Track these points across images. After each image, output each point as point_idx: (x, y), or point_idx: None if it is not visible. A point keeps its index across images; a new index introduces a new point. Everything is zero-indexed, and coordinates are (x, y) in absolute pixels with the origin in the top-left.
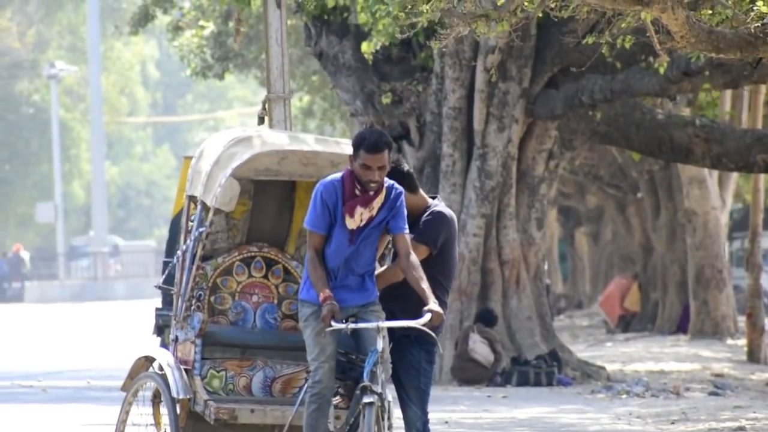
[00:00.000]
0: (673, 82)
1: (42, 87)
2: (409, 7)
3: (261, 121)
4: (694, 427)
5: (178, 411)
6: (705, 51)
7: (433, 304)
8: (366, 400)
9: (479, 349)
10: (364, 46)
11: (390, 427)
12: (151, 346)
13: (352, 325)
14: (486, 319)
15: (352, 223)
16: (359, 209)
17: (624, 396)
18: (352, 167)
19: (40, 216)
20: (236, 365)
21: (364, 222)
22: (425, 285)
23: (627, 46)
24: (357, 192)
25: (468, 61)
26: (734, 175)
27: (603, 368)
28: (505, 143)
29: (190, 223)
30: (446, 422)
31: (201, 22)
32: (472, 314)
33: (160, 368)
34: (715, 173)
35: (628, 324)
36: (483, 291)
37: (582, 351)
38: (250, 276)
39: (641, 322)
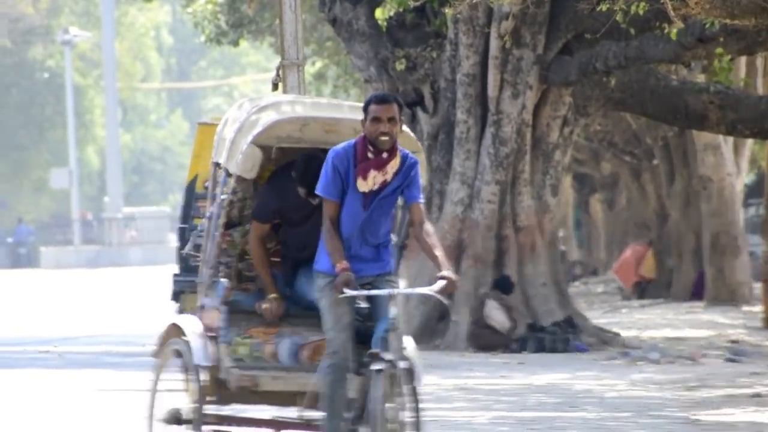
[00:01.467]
0: (688, 49)
1: (56, 53)
2: None
3: (275, 87)
4: (710, 393)
5: (203, 378)
6: (720, 17)
7: (446, 271)
8: (374, 367)
9: (495, 315)
10: (378, 12)
11: (400, 394)
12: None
13: (364, 292)
14: (502, 285)
15: (364, 186)
16: (372, 172)
17: (640, 362)
18: (364, 130)
19: (55, 182)
20: (262, 332)
21: (377, 186)
22: (439, 252)
23: (641, 12)
24: (370, 155)
25: (482, 27)
26: (749, 142)
27: (619, 335)
28: (520, 110)
29: (216, 190)
30: (462, 388)
31: None
32: (488, 281)
33: None
34: (730, 140)
35: (643, 291)
36: (498, 258)
37: (598, 318)
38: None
39: (656, 289)
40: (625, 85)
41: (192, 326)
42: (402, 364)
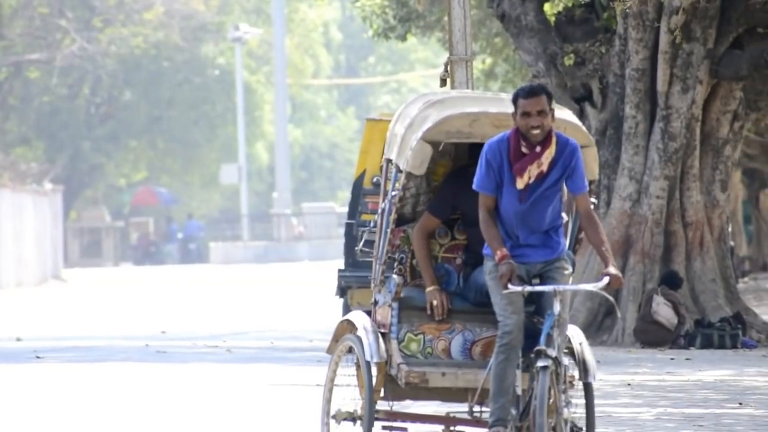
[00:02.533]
0: None
1: (227, 50)
2: None
3: (443, 83)
4: None
5: (374, 374)
6: None
7: (611, 268)
8: (540, 364)
9: (662, 311)
10: (547, 7)
11: (565, 391)
12: (344, 309)
13: (528, 288)
14: (670, 281)
15: (521, 183)
16: (528, 168)
17: None
18: (516, 123)
19: (225, 177)
20: (434, 328)
21: (533, 179)
22: (605, 248)
23: None
24: (524, 150)
25: (651, 21)
26: None
27: None
28: (689, 104)
29: (387, 187)
30: (629, 384)
31: None
32: (655, 276)
33: None
34: None
35: None
36: (666, 253)
37: (766, 313)
38: (453, 238)
39: None
40: None
41: (363, 322)
42: (566, 361)
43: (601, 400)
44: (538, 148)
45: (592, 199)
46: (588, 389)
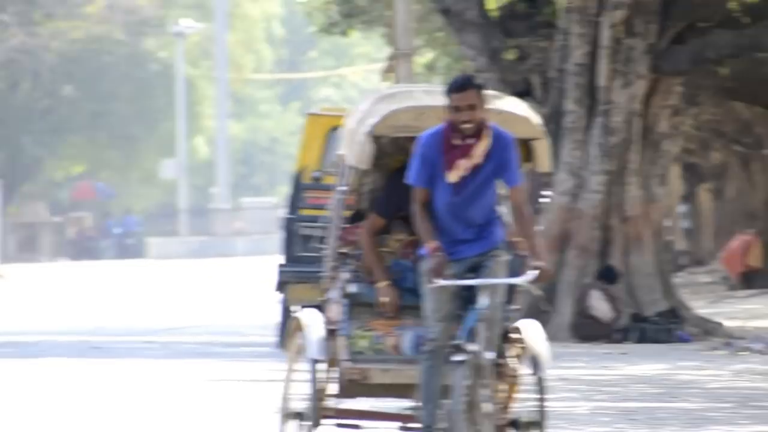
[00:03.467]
0: None
1: (168, 44)
2: None
3: (385, 77)
4: None
5: (322, 372)
6: None
7: (541, 262)
8: (455, 358)
9: (599, 306)
10: (490, 2)
11: (486, 386)
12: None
13: (457, 282)
14: (607, 275)
15: (454, 176)
16: (460, 161)
17: (744, 353)
18: (449, 117)
19: (164, 172)
20: (384, 325)
21: (467, 172)
22: (536, 241)
23: (755, 0)
24: (456, 142)
25: (593, 16)
26: None
27: (723, 325)
28: (629, 99)
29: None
30: (564, 379)
31: None
32: (592, 271)
33: None
34: None
35: (749, 280)
36: (604, 248)
37: (703, 308)
38: (411, 234)
39: (763, 279)
40: (738, 74)
41: (310, 320)
42: (489, 355)
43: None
44: (470, 141)
45: (548, 193)
46: (539, 383)
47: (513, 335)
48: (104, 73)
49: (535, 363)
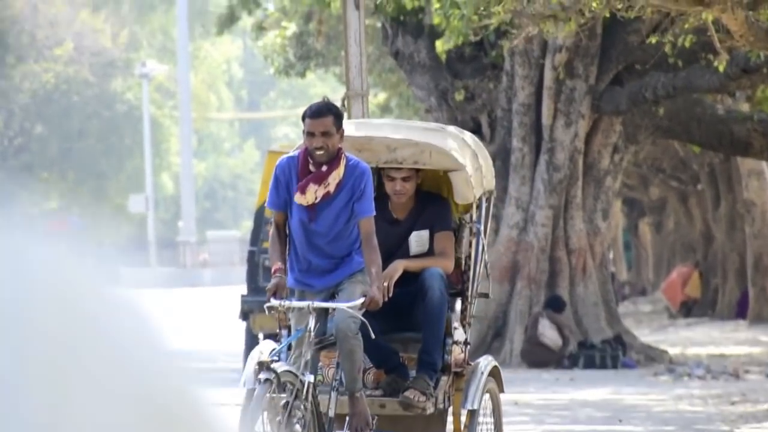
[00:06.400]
0: (733, 79)
1: (134, 85)
2: (482, 8)
3: None
4: (753, 408)
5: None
6: (763, 49)
7: (373, 289)
8: (261, 376)
9: (548, 333)
10: (438, 45)
11: (292, 408)
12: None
13: (286, 303)
14: (555, 305)
15: (303, 200)
16: (312, 186)
17: (685, 378)
18: (305, 143)
19: (133, 207)
20: (325, 356)
21: (318, 199)
22: (375, 270)
23: (688, 44)
24: (311, 168)
25: (537, 59)
26: None
27: (665, 352)
28: (572, 137)
29: None
30: (516, 403)
31: (283, 23)
32: (541, 300)
33: None
34: None
35: (689, 310)
36: (551, 278)
37: (645, 335)
38: None
39: (702, 308)
40: (673, 113)
41: (255, 351)
42: (308, 378)
43: (489, 417)
44: (324, 168)
45: (479, 227)
46: (470, 416)
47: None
48: (73, 112)
49: (465, 397)
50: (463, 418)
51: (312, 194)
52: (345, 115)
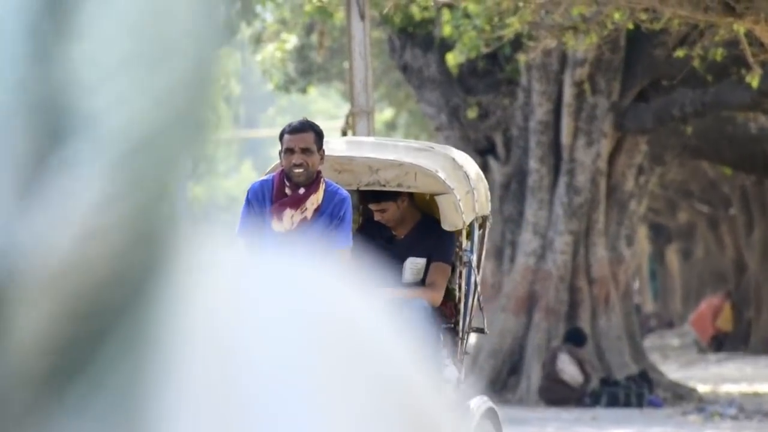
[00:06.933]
0: (766, 95)
1: None
2: (496, 20)
3: (344, 134)
4: None
5: None
6: None
7: None
8: None
9: (568, 369)
10: (450, 58)
11: None
12: None
13: None
14: (575, 338)
15: (280, 227)
16: (288, 211)
17: (716, 418)
18: (281, 163)
19: None
20: None
21: (295, 225)
22: None
23: (718, 58)
24: (287, 191)
25: (555, 74)
26: None
27: (695, 389)
28: (594, 158)
29: None
30: None
31: (283, 35)
32: (560, 333)
33: None
34: None
35: (720, 344)
36: (571, 310)
37: (673, 371)
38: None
39: (734, 342)
40: (702, 132)
41: None
42: None
43: None
44: (301, 191)
45: (471, 256)
46: None
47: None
48: None
49: None
50: None
51: (288, 220)
52: (350, 134)
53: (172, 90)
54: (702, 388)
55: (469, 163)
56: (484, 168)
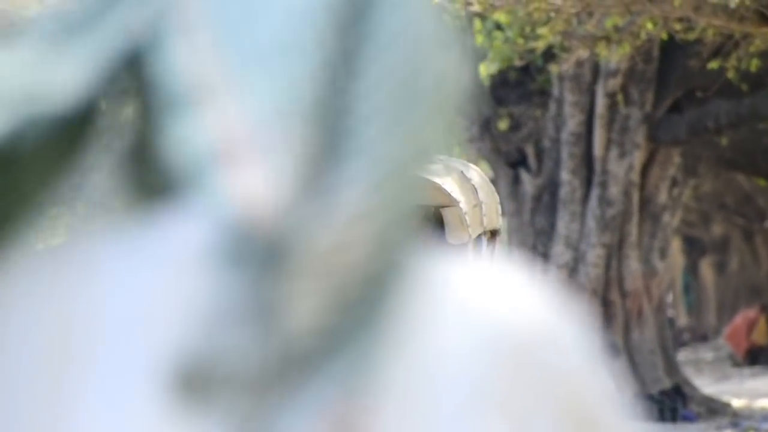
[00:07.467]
0: None
1: None
2: (528, 30)
3: None
4: None
5: None
6: None
7: None
8: None
9: None
10: (483, 69)
11: None
12: None
13: None
14: (608, 352)
15: None
16: None
17: None
18: None
19: None
20: None
21: None
22: None
23: (754, 69)
24: None
25: (588, 84)
26: None
27: (729, 404)
28: (627, 170)
29: None
30: None
31: None
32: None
33: None
34: None
35: (755, 357)
36: (604, 323)
37: (707, 385)
38: None
39: None
40: (737, 144)
41: None
42: None
43: None
44: None
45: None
46: None
47: None
48: None
49: None
50: None
51: None
52: None
53: (423, 126)
54: (736, 403)
55: (477, 176)
56: (516, 180)
